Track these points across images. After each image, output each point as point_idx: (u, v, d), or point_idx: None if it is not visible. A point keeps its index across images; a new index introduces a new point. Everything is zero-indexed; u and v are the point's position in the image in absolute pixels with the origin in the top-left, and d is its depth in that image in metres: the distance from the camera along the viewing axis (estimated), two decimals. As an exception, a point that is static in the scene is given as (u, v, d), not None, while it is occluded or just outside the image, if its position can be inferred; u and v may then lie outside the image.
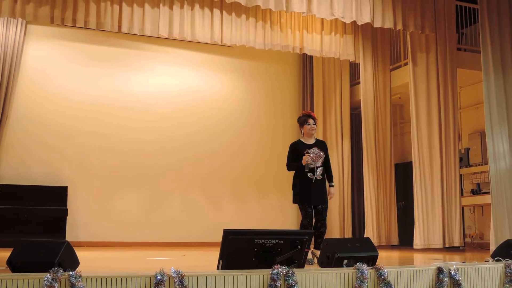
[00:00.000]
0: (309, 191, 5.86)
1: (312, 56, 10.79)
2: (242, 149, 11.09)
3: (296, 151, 5.97)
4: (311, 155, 5.80)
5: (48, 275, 2.98)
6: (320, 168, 5.89)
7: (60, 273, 3.00)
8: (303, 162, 5.82)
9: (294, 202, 6.06)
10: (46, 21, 8.24)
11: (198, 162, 10.71)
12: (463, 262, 4.30)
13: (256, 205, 10.98)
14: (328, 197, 6.01)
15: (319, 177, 5.87)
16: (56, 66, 10.08)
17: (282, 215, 10.92)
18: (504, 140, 7.91)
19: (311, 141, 6.03)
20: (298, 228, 6.62)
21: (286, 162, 6.06)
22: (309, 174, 5.84)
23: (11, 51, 9.46)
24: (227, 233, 3.64)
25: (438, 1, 9.09)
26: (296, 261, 3.75)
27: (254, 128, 11.28)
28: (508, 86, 8.07)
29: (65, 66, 10.14)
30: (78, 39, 10.18)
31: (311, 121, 5.98)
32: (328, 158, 6.09)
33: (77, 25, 8.42)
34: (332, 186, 6.08)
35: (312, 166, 5.83)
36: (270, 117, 11.41)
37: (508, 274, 4.17)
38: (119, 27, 8.40)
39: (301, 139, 6.08)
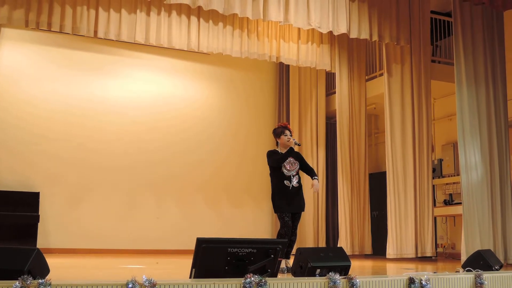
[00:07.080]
0: (288, 199, 5.97)
1: (288, 65, 10.84)
2: (217, 157, 11.03)
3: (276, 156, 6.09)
4: (289, 161, 5.99)
5: (17, 283, 2.94)
6: (296, 176, 6.06)
7: (29, 281, 2.96)
8: (291, 144, 6.01)
9: (275, 211, 6.16)
10: (20, 24, 8.14)
11: (172, 170, 10.62)
12: (434, 272, 4.35)
13: (230, 214, 10.92)
14: (314, 190, 6.15)
15: (296, 184, 6.02)
16: (30, 71, 9.91)
17: (257, 224, 10.91)
18: (476, 151, 8.02)
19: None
20: (274, 237, 6.65)
21: (269, 164, 6.08)
22: (286, 182, 5.98)
23: (-16, 54, 9.33)
24: (200, 242, 3.63)
25: (413, 13, 9.20)
26: (269, 270, 3.76)
27: (228, 136, 11.23)
28: (480, 98, 8.20)
29: (40, 70, 9.97)
30: (53, 44, 10.02)
31: (288, 132, 6.15)
32: (306, 162, 6.27)
33: (52, 29, 8.35)
34: (316, 179, 6.18)
35: (288, 174, 5.98)
36: (246, 125, 11.38)
37: (478, 285, 4.24)
38: (95, 32, 8.32)
39: (276, 149, 6.20)
